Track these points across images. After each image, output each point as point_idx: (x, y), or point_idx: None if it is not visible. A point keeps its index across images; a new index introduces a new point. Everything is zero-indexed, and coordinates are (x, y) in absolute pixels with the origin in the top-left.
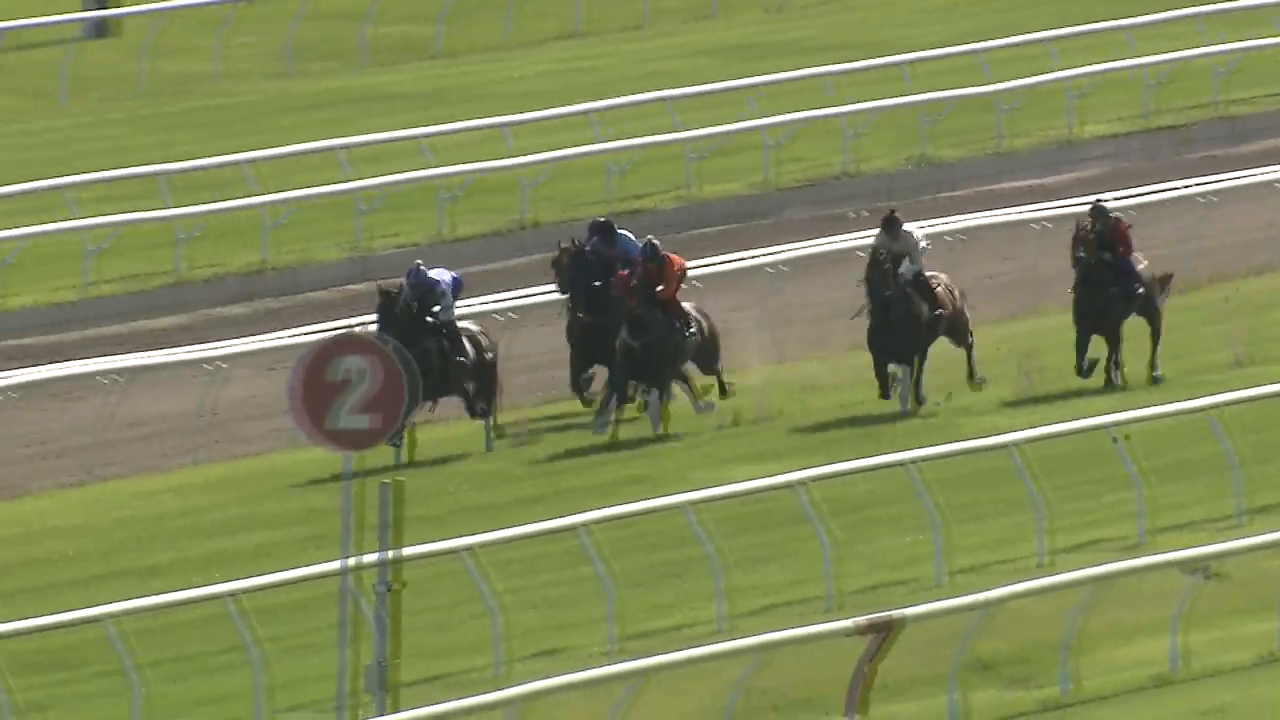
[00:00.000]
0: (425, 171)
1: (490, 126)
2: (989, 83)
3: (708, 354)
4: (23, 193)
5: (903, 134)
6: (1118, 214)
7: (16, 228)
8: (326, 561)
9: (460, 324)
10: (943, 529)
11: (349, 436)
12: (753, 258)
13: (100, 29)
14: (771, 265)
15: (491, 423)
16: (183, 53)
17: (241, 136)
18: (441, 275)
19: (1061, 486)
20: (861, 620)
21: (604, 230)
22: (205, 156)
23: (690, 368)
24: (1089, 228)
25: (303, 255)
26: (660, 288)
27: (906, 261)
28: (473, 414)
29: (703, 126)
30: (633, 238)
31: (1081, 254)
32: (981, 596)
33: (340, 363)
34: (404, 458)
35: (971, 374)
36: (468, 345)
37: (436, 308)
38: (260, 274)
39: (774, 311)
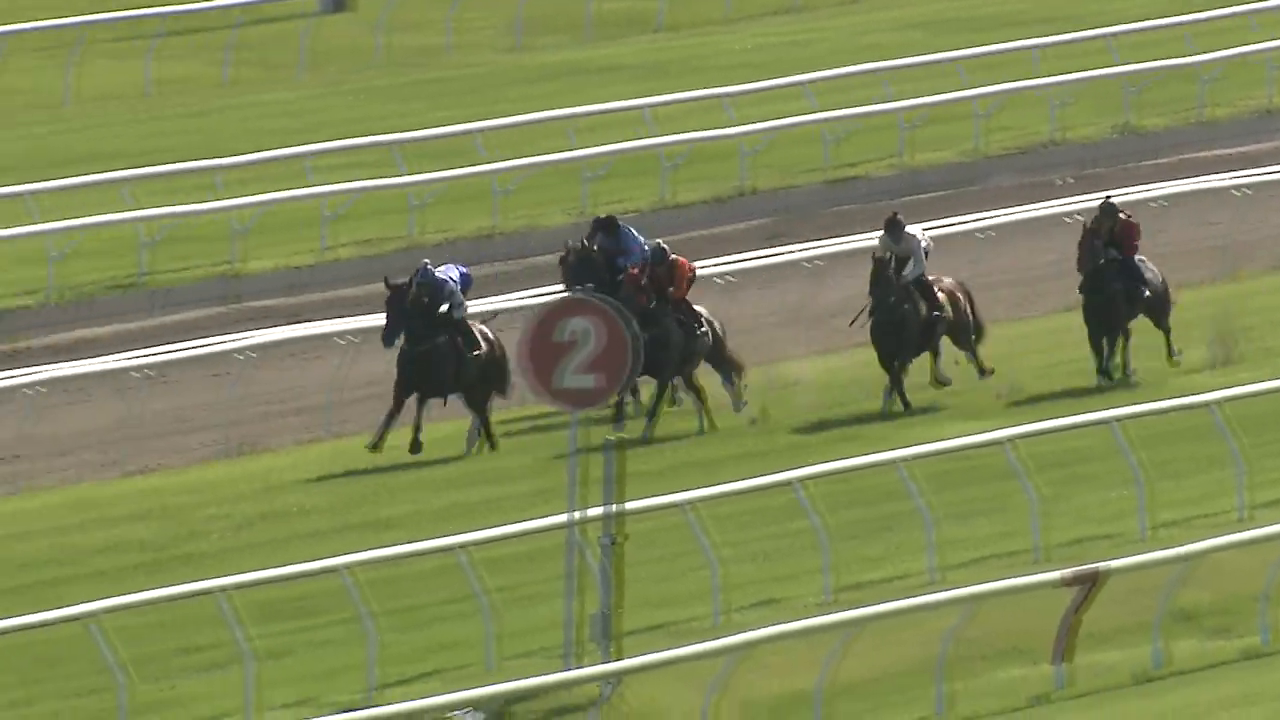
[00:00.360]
0: (648, 140)
1: (711, 97)
2: (1191, 54)
3: (719, 356)
4: (263, 161)
5: (1107, 104)
6: (1127, 213)
7: (257, 194)
8: (553, 515)
9: (476, 326)
10: (1146, 485)
11: (574, 395)
12: (962, 223)
13: (337, 4)
14: (981, 230)
15: (484, 423)
16: (416, 27)
17: (472, 106)
18: (449, 272)
19: (1260, 444)
20: (1068, 572)
21: (608, 226)
22: (438, 126)
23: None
24: (1097, 228)
25: (531, 220)
26: (670, 289)
27: (910, 263)
28: (475, 409)
29: (914, 97)
30: (637, 234)
31: (1095, 245)
32: (1184, 549)
33: (567, 324)
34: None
35: (981, 370)
36: (477, 345)
37: (446, 305)
38: (490, 238)
39: (983, 275)
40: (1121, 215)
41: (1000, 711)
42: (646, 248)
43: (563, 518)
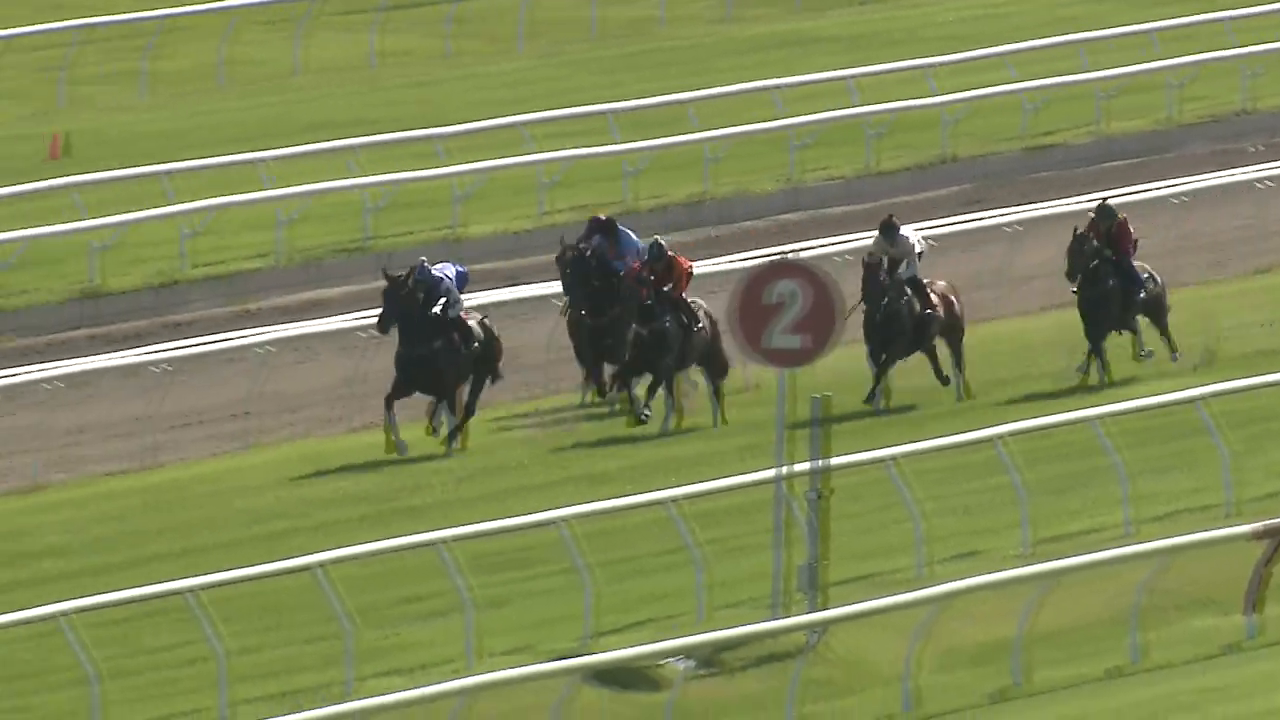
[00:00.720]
0: (853, 110)
1: (913, 68)
2: None
3: (711, 354)
4: (482, 129)
5: None
6: (1123, 214)
7: (477, 162)
8: (762, 470)
9: (471, 317)
10: None
11: (783, 355)
12: (1156, 189)
13: None
14: (1175, 197)
15: (461, 422)
16: (631, 0)
17: (684, 77)
18: (445, 270)
19: None
20: (1259, 525)
21: (606, 228)
22: (651, 96)
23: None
24: (1090, 230)
25: (740, 186)
26: (668, 287)
27: (904, 265)
28: (468, 408)
29: (1110, 68)
30: (634, 236)
31: (1085, 250)
32: None
33: (774, 287)
34: (455, 444)
35: (944, 379)
36: (474, 339)
37: (443, 301)
38: (701, 204)
39: (1176, 240)
40: (1118, 217)
41: (1192, 660)
42: (642, 247)
43: (771, 473)
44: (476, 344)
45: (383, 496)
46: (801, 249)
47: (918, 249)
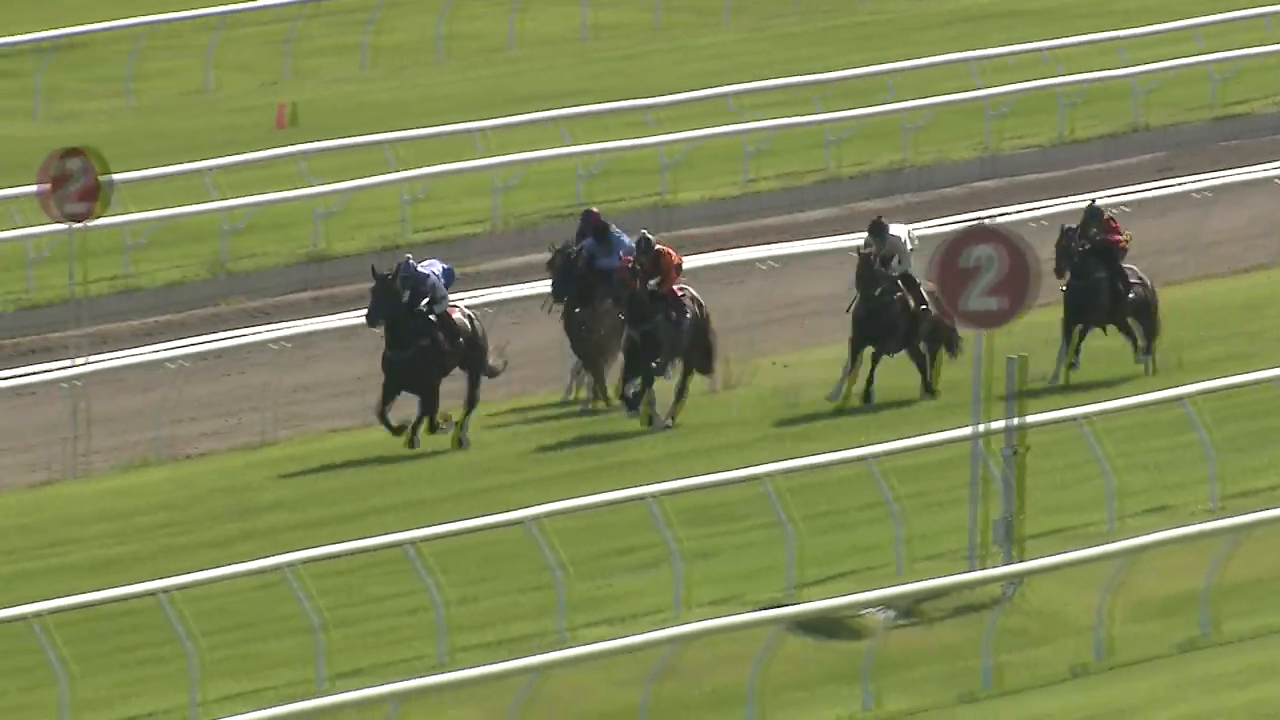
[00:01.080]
0: (1047, 80)
1: (1106, 40)
2: None
3: (702, 340)
4: (690, 100)
5: None
6: (1110, 214)
7: (685, 131)
8: (958, 428)
9: (456, 310)
10: None
11: (980, 317)
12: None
13: None
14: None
15: (467, 417)
16: None
17: (884, 50)
18: (432, 267)
19: None
20: None
21: (597, 229)
22: (852, 68)
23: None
24: (1076, 229)
25: (939, 155)
26: (657, 279)
27: (896, 260)
28: (469, 400)
29: None
30: (624, 237)
31: (1071, 247)
32: None
33: (972, 251)
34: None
35: (927, 387)
36: (460, 334)
37: (427, 299)
38: (901, 172)
39: None
40: (1106, 219)
41: None
42: (631, 243)
43: (967, 430)
44: (462, 339)
45: (596, 453)
46: (998, 215)
47: (909, 246)
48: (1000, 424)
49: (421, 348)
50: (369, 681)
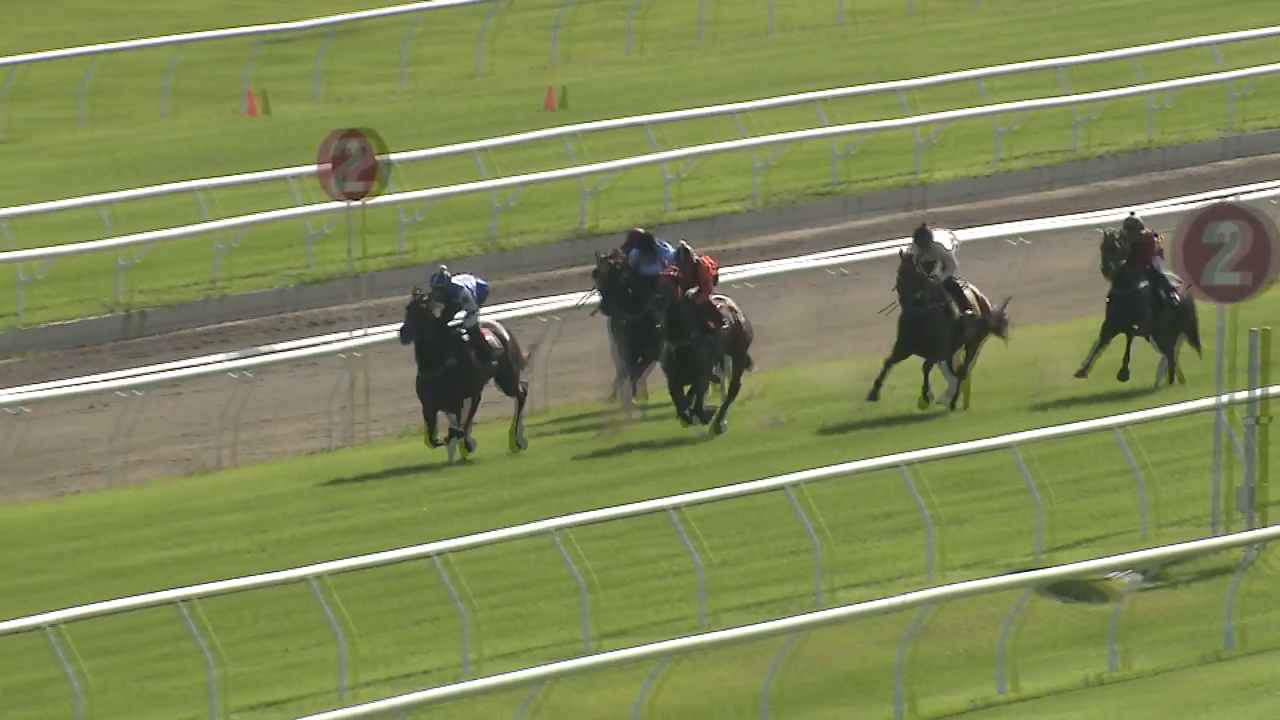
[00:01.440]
0: None
1: None
2: None
3: (740, 347)
4: (943, 82)
5: None
6: (1150, 228)
7: (938, 112)
8: (1202, 399)
9: (489, 330)
10: None
11: (1222, 291)
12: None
13: None
14: None
15: (520, 423)
16: None
17: (1130, 33)
18: (466, 281)
19: None
20: None
21: (643, 242)
22: (1100, 50)
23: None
24: (1116, 236)
25: (1183, 135)
26: (695, 290)
27: (939, 267)
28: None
29: None
30: (669, 246)
31: (1109, 262)
32: None
33: (1215, 228)
34: (455, 456)
35: (929, 395)
36: (492, 355)
37: (461, 314)
38: (1146, 151)
39: None
40: (1143, 231)
41: None
42: (672, 252)
43: (1211, 401)
44: (494, 361)
45: (850, 424)
46: (1241, 193)
47: (953, 252)
48: (1243, 394)
49: (449, 368)
50: (633, 641)
